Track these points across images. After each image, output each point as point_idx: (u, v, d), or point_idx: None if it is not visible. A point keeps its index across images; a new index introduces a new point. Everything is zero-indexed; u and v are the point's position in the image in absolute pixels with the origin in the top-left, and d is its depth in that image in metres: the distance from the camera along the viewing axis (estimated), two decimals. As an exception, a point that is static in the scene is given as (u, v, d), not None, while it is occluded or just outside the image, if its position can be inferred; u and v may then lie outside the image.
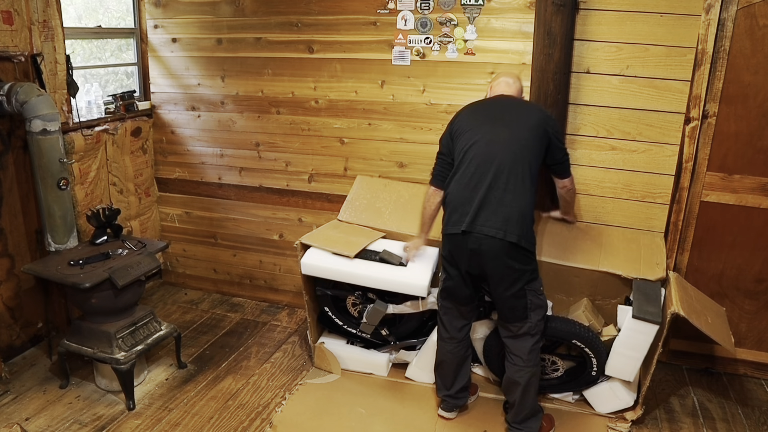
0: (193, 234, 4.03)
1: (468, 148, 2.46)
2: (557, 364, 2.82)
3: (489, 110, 2.58)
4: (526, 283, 2.40)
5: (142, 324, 2.91)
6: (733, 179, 2.91)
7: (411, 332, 3.03)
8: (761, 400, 2.97)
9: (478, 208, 2.37)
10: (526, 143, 2.43)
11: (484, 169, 2.39)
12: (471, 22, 3.07)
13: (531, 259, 2.42)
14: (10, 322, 3.08)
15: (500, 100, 2.63)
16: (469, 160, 2.44)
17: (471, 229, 2.36)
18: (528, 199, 2.40)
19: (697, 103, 2.82)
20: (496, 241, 2.33)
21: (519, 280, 2.38)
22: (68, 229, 2.94)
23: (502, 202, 2.35)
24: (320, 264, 2.87)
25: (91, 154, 3.37)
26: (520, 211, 2.36)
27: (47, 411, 2.75)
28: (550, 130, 2.51)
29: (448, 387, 2.71)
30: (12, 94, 2.70)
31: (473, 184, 2.41)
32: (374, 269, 2.80)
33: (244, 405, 2.85)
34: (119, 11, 3.74)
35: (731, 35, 2.71)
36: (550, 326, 2.65)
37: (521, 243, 2.34)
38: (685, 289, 2.77)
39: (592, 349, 2.65)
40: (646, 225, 3.09)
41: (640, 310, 2.52)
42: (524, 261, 2.38)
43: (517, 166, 2.38)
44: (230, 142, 3.75)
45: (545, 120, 2.51)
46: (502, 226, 2.33)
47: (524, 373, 2.49)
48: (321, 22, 3.33)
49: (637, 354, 2.57)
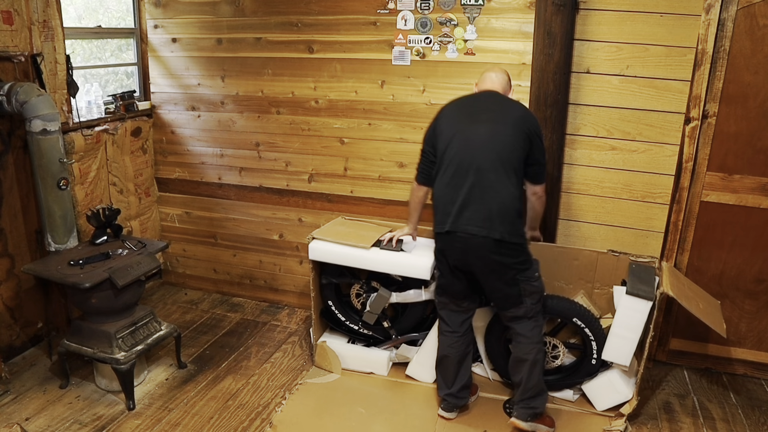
0: (193, 234, 4.03)
1: (449, 145, 2.47)
2: (558, 349, 2.84)
3: (470, 107, 2.56)
4: (517, 273, 2.44)
5: (142, 324, 2.91)
6: (733, 179, 2.91)
7: (413, 326, 3.06)
8: (761, 400, 2.98)
9: (461, 206, 2.39)
10: (507, 139, 2.41)
11: (466, 167, 2.40)
12: (471, 22, 3.07)
13: (519, 252, 2.44)
14: (10, 322, 3.08)
15: (483, 95, 2.60)
16: (450, 159, 2.45)
17: (455, 228, 2.40)
18: (512, 193, 2.39)
19: (697, 103, 2.82)
20: (480, 239, 2.36)
21: (508, 272, 2.43)
22: (68, 229, 2.94)
23: (484, 200, 2.37)
24: (327, 248, 2.95)
25: (91, 154, 3.37)
26: (503, 206, 2.36)
27: (47, 411, 2.75)
28: (532, 129, 2.46)
29: (449, 385, 2.71)
30: (12, 94, 2.70)
31: (455, 183, 2.43)
32: (379, 254, 2.87)
33: (244, 405, 2.85)
34: (119, 11, 3.74)
35: (731, 35, 2.71)
36: (552, 304, 2.72)
37: (506, 238, 2.36)
38: (678, 277, 2.82)
39: (592, 329, 2.71)
40: (646, 225, 3.09)
41: (633, 287, 2.64)
42: (512, 255, 2.41)
43: (498, 162, 2.38)
44: (230, 142, 3.75)
45: (527, 117, 2.48)
46: (485, 223, 2.36)
47: (530, 349, 2.54)
48: (321, 22, 3.33)
49: (633, 335, 2.64)
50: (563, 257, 2.97)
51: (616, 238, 3.15)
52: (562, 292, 2.98)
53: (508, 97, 2.61)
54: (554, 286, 2.99)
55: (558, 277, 2.99)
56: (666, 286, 2.56)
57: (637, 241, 3.13)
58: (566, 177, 3.14)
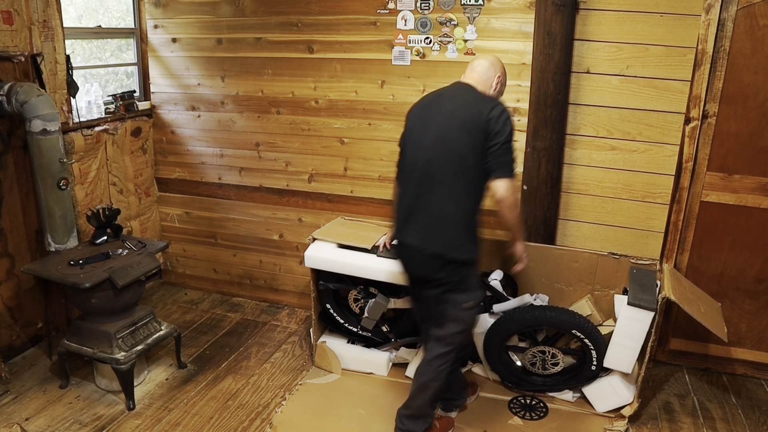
0: (193, 234, 4.03)
1: (403, 149, 2.36)
2: (557, 357, 2.83)
3: (429, 107, 2.31)
4: (445, 292, 2.29)
5: (142, 324, 2.91)
6: (733, 179, 2.91)
7: (411, 330, 3.05)
8: (761, 400, 2.97)
9: (405, 216, 2.29)
10: (457, 145, 2.17)
11: (411, 175, 2.27)
12: (471, 22, 3.07)
13: (457, 271, 2.26)
14: (10, 322, 3.08)
15: (448, 91, 2.33)
16: (403, 164, 2.35)
17: (401, 238, 2.33)
18: (458, 205, 2.19)
19: (697, 103, 2.82)
20: (416, 252, 2.27)
21: (438, 288, 2.29)
22: (68, 229, 2.94)
23: (427, 210, 2.22)
24: (323, 257, 2.92)
25: (91, 154, 3.37)
26: (443, 218, 2.20)
27: (47, 411, 2.75)
28: (490, 119, 2.14)
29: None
30: (12, 94, 2.70)
31: (403, 190, 2.33)
32: (374, 262, 2.84)
33: (244, 405, 2.85)
34: (119, 11, 3.74)
35: (731, 35, 2.71)
36: (550, 315, 2.67)
37: (442, 253, 2.22)
38: (679, 280, 2.81)
39: (592, 340, 2.68)
40: (646, 225, 3.09)
41: (635, 297, 2.59)
42: (447, 272, 2.25)
43: (446, 168, 2.19)
44: (230, 142, 3.75)
45: (481, 112, 2.16)
46: (424, 235, 2.24)
47: (425, 372, 2.40)
48: (321, 22, 3.33)
49: (634, 343, 2.62)
50: (563, 259, 2.97)
51: (616, 238, 3.15)
52: (562, 294, 2.98)
53: (472, 92, 2.29)
54: (554, 288, 2.99)
55: (558, 279, 3.00)
56: (668, 290, 2.54)
57: (637, 241, 3.13)
58: (566, 177, 3.14)
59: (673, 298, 2.50)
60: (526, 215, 3.12)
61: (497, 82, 2.34)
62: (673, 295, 2.51)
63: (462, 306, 2.30)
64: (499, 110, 2.18)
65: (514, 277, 3.03)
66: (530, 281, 3.07)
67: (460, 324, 2.34)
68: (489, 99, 2.27)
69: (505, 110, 2.20)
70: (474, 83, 2.31)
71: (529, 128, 3.02)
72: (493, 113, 2.16)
